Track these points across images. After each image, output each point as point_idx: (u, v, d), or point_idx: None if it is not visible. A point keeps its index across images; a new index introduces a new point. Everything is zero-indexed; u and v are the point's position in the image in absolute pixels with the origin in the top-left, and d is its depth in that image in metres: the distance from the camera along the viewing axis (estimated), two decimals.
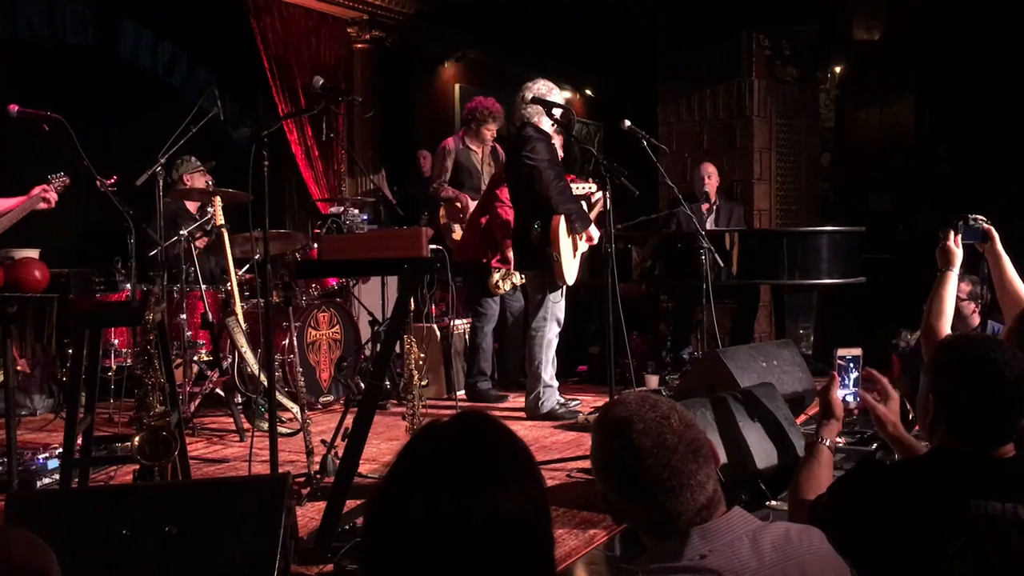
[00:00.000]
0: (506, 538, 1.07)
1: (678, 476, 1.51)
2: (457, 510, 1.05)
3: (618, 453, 1.54)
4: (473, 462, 1.09)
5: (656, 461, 1.51)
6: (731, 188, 7.72)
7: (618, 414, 1.58)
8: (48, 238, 5.04)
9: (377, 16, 8.31)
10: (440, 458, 1.10)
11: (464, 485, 1.07)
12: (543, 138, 5.19)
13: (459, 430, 1.14)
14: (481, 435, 1.13)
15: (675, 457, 1.51)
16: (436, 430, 1.15)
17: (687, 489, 1.51)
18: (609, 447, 1.57)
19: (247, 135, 3.41)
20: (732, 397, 3.65)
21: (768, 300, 7.33)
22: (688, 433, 1.55)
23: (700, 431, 1.58)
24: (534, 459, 1.17)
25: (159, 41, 7.40)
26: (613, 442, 1.56)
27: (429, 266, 3.06)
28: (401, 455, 1.14)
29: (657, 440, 1.52)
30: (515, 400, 5.87)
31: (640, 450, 1.51)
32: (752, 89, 7.76)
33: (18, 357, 5.81)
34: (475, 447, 1.11)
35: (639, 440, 1.52)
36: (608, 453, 1.57)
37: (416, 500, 1.07)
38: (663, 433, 1.53)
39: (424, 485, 1.08)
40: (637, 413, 1.56)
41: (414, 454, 1.14)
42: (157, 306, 3.05)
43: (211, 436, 5.07)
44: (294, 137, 7.91)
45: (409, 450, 1.15)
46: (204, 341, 5.51)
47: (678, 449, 1.52)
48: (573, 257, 5.30)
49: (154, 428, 2.75)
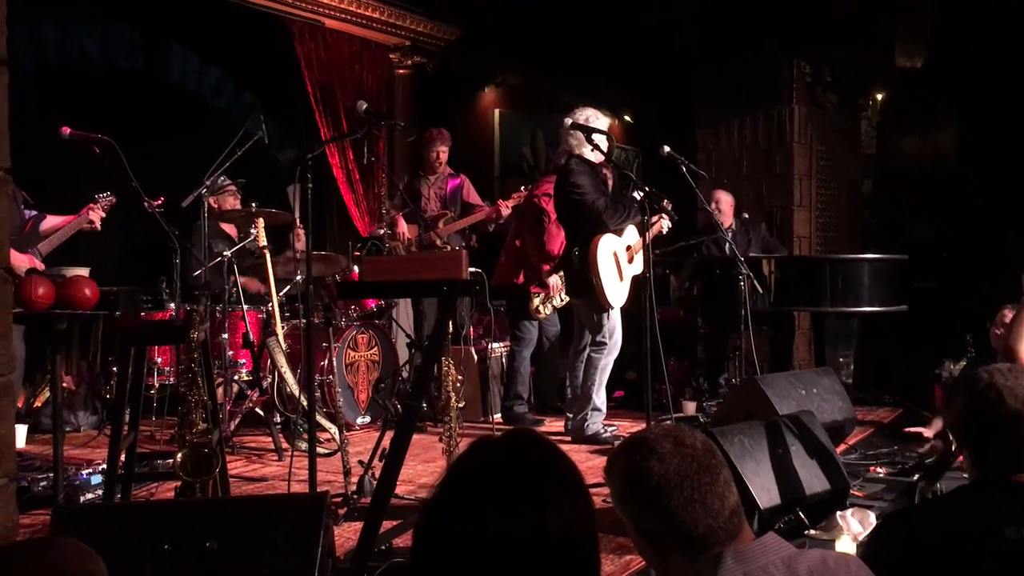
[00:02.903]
0: (554, 556, 1.07)
1: (707, 471, 1.54)
2: (506, 526, 1.05)
3: (641, 463, 1.56)
4: (524, 479, 1.10)
5: (681, 458, 1.54)
6: (770, 215, 7.68)
7: (631, 437, 1.64)
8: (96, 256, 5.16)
9: (419, 42, 8.43)
10: (491, 474, 1.11)
11: (514, 502, 1.07)
12: (586, 169, 5.24)
13: (510, 447, 1.15)
14: (532, 453, 1.14)
15: (697, 452, 1.55)
16: (487, 447, 1.16)
17: (717, 484, 1.53)
18: (629, 462, 1.58)
19: (292, 158, 3.47)
20: (784, 423, 3.64)
21: (808, 327, 7.26)
22: (700, 436, 1.59)
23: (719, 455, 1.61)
24: (583, 479, 1.17)
25: (206, 66, 7.56)
26: (633, 456, 1.58)
27: (468, 288, 3.09)
28: (452, 470, 1.15)
29: (675, 441, 1.56)
30: (551, 424, 5.86)
31: (663, 453, 1.54)
32: (792, 115, 7.73)
33: (64, 374, 5.93)
34: (526, 464, 1.12)
35: (659, 445, 1.56)
36: (628, 467, 1.58)
37: (465, 515, 1.07)
38: (678, 436, 1.58)
39: (474, 500, 1.08)
40: (649, 430, 1.63)
41: (465, 469, 1.15)
42: (201, 325, 3.11)
43: (250, 455, 5.12)
44: (336, 160, 8.01)
45: (460, 465, 1.16)
46: (245, 360, 5.58)
47: (696, 447, 1.56)
48: (620, 281, 5.30)
49: (196, 445, 2.79)
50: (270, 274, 5.17)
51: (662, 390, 5.32)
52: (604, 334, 5.30)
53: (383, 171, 7.68)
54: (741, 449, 3.30)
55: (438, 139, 6.42)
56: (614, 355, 5.38)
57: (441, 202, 6.43)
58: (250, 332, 5.31)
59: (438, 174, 6.46)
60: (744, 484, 3.15)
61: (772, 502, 3.23)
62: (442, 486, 1.13)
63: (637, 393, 5.95)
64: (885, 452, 5.00)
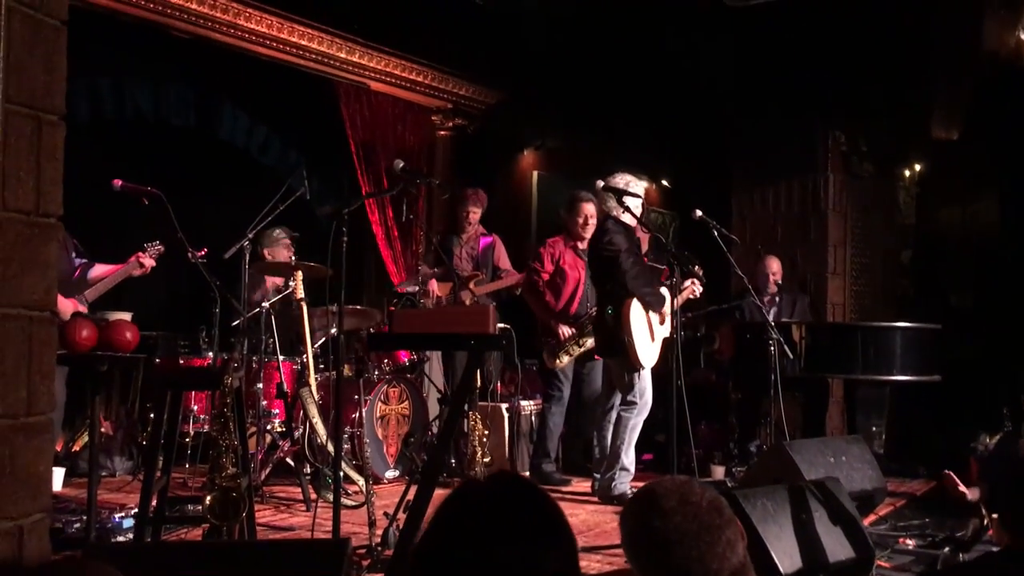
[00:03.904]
0: None
1: (707, 531, 1.56)
2: (492, 565, 1.09)
3: (646, 518, 1.60)
4: (508, 519, 1.13)
5: (684, 516, 1.57)
6: (804, 281, 7.69)
7: (639, 491, 1.68)
8: (139, 302, 5.30)
9: (460, 105, 8.65)
10: (476, 514, 1.14)
11: (499, 541, 1.10)
12: (621, 230, 5.34)
13: (495, 489, 1.20)
14: (516, 493, 1.18)
15: (700, 511, 1.58)
16: (473, 488, 1.21)
17: (718, 544, 1.55)
18: (635, 517, 1.62)
19: (329, 213, 3.60)
20: (808, 489, 3.62)
21: (841, 396, 7.21)
22: (708, 493, 1.62)
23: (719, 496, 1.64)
24: (565, 518, 1.22)
25: (255, 124, 7.83)
26: (639, 511, 1.62)
27: (496, 343, 3.17)
28: (439, 511, 1.19)
29: (681, 498, 1.60)
30: (578, 485, 5.86)
31: (666, 509, 1.58)
32: (828, 183, 7.78)
33: (102, 419, 6.07)
34: (510, 504, 1.15)
35: (664, 501, 1.59)
36: (635, 522, 1.62)
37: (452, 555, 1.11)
38: (684, 493, 1.61)
39: (460, 540, 1.12)
40: (658, 483, 1.66)
41: (451, 510, 1.19)
42: (236, 372, 3.20)
43: (279, 504, 5.18)
44: (375, 218, 8.19)
45: (446, 506, 1.20)
46: (278, 411, 5.67)
47: (702, 505, 1.59)
48: (651, 341, 5.35)
49: (225, 489, 2.86)
50: (306, 326, 5.28)
51: (690, 453, 5.30)
52: (635, 394, 5.33)
53: (421, 229, 7.83)
54: (764, 513, 3.30)
55: (471, 199, 6.57)
56: (644, 415, 5.39)
57: (473, 262, 6.55)
58: (284, 382, 5.41)
59: (469, 233, 6.60)
60: (765, 548, 3.14)
61: (793, 567, 3.21)
62: (429, 527, 1.17)
63: (665, 456, 5.93)
64: (916, 524, 4.93)
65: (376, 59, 7.73)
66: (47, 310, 2.37)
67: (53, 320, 2.41)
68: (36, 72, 2.27)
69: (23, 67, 2.22)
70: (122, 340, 3.21)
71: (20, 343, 2.23)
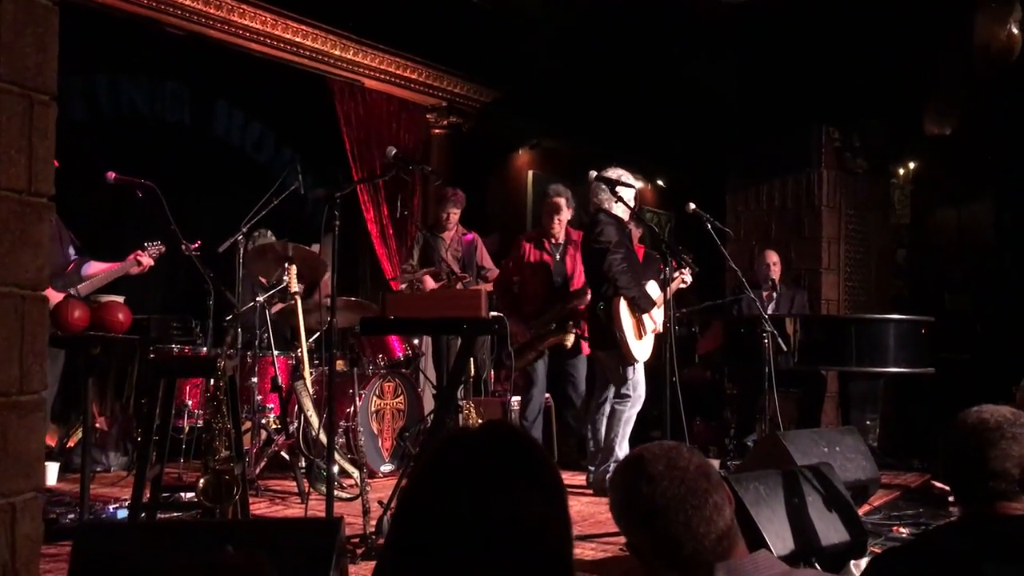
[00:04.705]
0: (525, 542, 1.08)
1: (694, 494, 1.56)
2: (477, 511, 1.08)
3: (634, 483, 1.60)
4: (497, 465, 1.12)
5: (671, 481, 1.57)
6: (798, 277, 7.71)
7: (628, 456, 1.70)
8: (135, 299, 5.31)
9: (455, 103, 8.66)
10: (466, 460, 1.14)
11: (487, 486, 1.10)
12: (612, 222, 5.33)
13: (486, 436, 1.20)
14: (507, 442, 1.17)
15: (687, 475, 1.58)
16: (464, 435, 1.21)
17: (705, 508, 1.55)
18: (624, 481, 1.63)
19: (321, 196, 3.61)
20: (801, 474, 3.63)
21: (836, 391, 7.22)
22: (696, 458, 1.62)
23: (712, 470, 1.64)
24: (557, 470, 1.21)
25: (249, 121, 7.83)
26: (628, 475, 1.63)
27: (488, 327, 3.17)
28: (429, 455, 1.19)
29: (668, 463, 1.60)
30: (572, 478, 5.85)
31: (653, 475, 1.58)
32: (821, 179, 7.81)
33: (97, 415, 6.07)
34: (500, 451, 1.14)
35: (651, 466, 1.60)
36: (624, 487, 1.63)
37: (438, 498, 1.10)
38: (672, 458, 1.61)
39: (448, 484, 1.11)
40: (646, 448, 1.66)
41: (441, 455, 1.19)
42: (229, 358, 3.21)
43: (274, 497, 5.18)
44: (370, 215, 8.19)
45: (437, 451, 1.20)
46: (273, 405, 5.67)
47: (689, 469, 1.59)
48: (644, 335, 5.36)
49: (218, 471, 2.87)
50: (300, 320, 5.28)
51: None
52: (629, 387, 5.33)
53: (416, 226, 7.84)
54: (756, 496, 3.30)
55: (451, 200, 6.54)
56: (638, 408, 5.40)
57: (459, 264, 6.53)
58: (279, 376, 5.41)
59: (451, 233, 6.59)
60: (758, 530, 3.15)
61: (786, 550, 3.21)
62: (419, 470, 1.17)
63: None
64: (910, 514, 4.94)
65: (371, 56, 7.74)
66: (39, 289, 2.37)
67: (46, 299, 2.41)
68: (28, 51, 2.28)
69: (14, 46, 2.23)
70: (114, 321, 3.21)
71: (12, 321, 2.24)
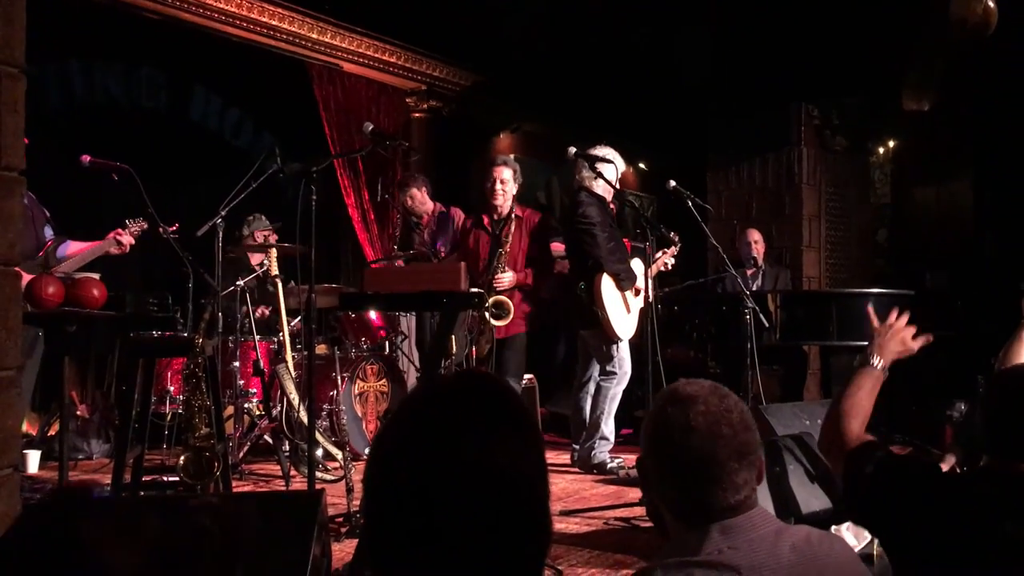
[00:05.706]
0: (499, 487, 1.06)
1: (719, 467, 1.50)
2: (449, 454, 1.05)
3: (672, 425, 1.54)
4: (468, 407, 1.10)
5: (704, 445, 1.51)
6: (780, 255, 7.74)
7: (687, 391, 1.57)
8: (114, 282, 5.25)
9: (435, 87, 8.62)
10: (436, 402, 1.12)
11: (458, 427, 1.07)
12: (594, 201, 5.33)
13: (458, 380, 1.18)
14: (481, 387, 1.14)
15: (722, 449, 1.51)
16: (438, 380, 1.19)
17: (723, 483, 1.50)
18: (666, 416, 1.56)
19: (298, 170, 3.58)
20: (782, 444, 3.63)
21: (818, 368, 7.26)
22: (743, 435, 1.53)
23: (756, 438, 1.55)
24: (534, 419, 1.20)
25: (227, 107, 7.77)
26: (673, 413, 1.55)
27: (468, 301, 3.16)
28: (404, 402, 1.17)
29: (712, 427, 1.52)
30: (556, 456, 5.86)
31: (694, 429, 1.51)
32: (801, 157, 7.83)
33: (78, 402, 6.03)
34: (471, 394, 1.12)
35: (696, 420, 1.52)
36: (664, 422, 1.56)
37: (411, 440, 1.08)
38: (720, 423, 1.52)
39: (419, 426, 1.09)
40: (705, 397, 1.55)
41: (414, 399, 1.17)
42: (207, 336, 3.18)
43: (258, 480, 5.16)
44: (351, 200, 8.16)
45: (409, 397, 1.18)
46: (256, 390, 5.64)
47: (729, 443, 1.51)
48: (627, 313, 5.36)
49: (198, 448, 2.85)
50: (281, 303, 5.26)
51: None
52: (615, 364, 5.35)
53: (397, 211, 7.80)
54: None
55: (410, 184, 6.46)
56: (623, 384, 5.41)
57: (432, 239, 6.46)
58: (260, 360, 5.39)
59: (420, 213, 6.53)
60: None
61: None
62: (392, 416, 1.16)
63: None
64: None
65: (349, 39, 7.69)
66: (11, 264, 2.34)
67: (18, 274, 2.39)
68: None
69: None
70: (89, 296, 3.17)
71: None
